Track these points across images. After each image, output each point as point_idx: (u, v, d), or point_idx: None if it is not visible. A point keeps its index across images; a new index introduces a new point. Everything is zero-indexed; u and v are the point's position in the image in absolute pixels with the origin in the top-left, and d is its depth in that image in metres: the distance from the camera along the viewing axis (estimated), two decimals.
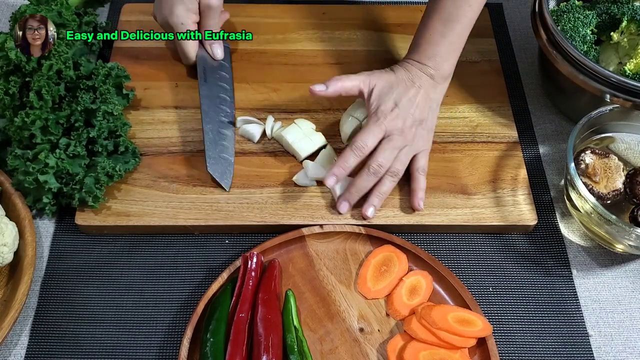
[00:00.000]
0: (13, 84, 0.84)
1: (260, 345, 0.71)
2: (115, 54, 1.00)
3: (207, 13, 0.92)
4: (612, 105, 0.83)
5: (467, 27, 0.86)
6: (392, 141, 0.82)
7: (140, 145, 0.89)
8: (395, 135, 0.82)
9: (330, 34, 1.03)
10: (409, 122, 0.83)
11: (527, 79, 1.02)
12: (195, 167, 0.88)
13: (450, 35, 0.85)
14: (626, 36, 0.88)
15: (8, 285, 0.79)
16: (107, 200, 0.84)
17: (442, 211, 0.85)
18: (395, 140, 0.82)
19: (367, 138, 0.82)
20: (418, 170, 0.85)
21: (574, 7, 0.91)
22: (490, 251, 0.84)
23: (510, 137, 0.92)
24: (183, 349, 0.72)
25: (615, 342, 0.78)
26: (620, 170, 0.83)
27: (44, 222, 0.86)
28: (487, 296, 0.81)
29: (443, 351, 0.73)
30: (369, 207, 0.83)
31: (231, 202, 0.85)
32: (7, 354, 0.75)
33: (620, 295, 0.82)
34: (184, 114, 0.93)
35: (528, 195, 0.86)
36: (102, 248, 0.83)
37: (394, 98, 0.83)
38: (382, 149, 0.82)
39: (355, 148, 0.81)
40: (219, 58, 0.96)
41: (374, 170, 0.82)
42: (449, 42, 0.85)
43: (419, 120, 0.84)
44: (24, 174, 0.80)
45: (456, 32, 0.85)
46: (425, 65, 0.85)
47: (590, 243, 0.86)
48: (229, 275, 0.78)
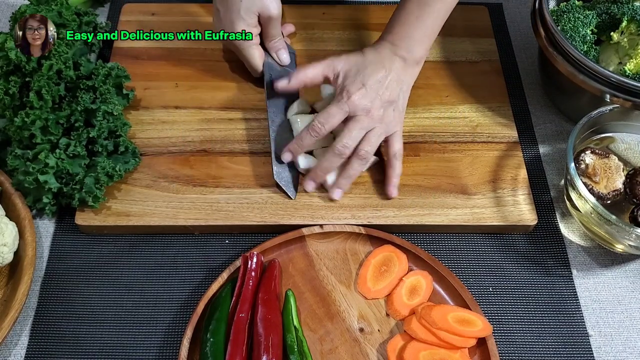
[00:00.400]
0: (13, 84, 0.84)
1: (260, 345, 0.71)
2: (115, 54, 1.00)
3: (268, 23, 0.90)
4: (612, 105, 0.83)
5: (443, 12, 0.84)
6: (358, 122, 0.81)
7: (140, 145, 0.89)
8: (361, 115, 0.81)
9: (330, 34, 1.03)
10: (377, 102, 0.81)
11: (527, 79, 1.02)
12: (195, 167, 0.88)
13: (425, 19, 0.84)
14: (626, 36, 0.88)
15: (8, 285, 0.79)
16: (107, 200, 0.84)
17: (442, 211, 0.85)
18: (362, 121, 0.81)
19: (326, 118, 0.81)
20: (395, 156, 0.84)
21: (574, 7, 0.91)
22: (490, 251, 0.84)
23: (510, 137, 0.92)
24: (183, 349, 0.72)
25: (615, 342, 0.78)
26: (620, 170, 0.83)
27: (44, 222, 0.86)
28: (487, 296, 0.81)
29: (443, 351, 0.73)
30: (336, 190, 0.83)
31: (231, 202, 0.85)
32: (7, 354, 0.75)
33: (620, 295, 0.82)
34: (184, 114, 0.93)
35: (528, 195, 0.86)
36: (102, 248, 0.83)
37: (361, 79, 0.81)
38: (348, 129, 0.81)
39: (311, 128, 0.81)
40: (285, 63, 0.95)
41: (338, 151, 0.81)
42: (424, 25, 0.84)
43: (389, 102, 0.83)
44: (24, 174, 0.80)
45: (432, 16, 0.84)
46: (398, 47, 0.84)
47: (590, 243, 0.86)
48: (229, 275, 0.78)
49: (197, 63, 0.99)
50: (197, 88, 0.96)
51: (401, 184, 0.87)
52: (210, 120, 0.93)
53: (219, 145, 0.90)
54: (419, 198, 0.86)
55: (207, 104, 0.95)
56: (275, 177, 0.85)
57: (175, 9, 1.05)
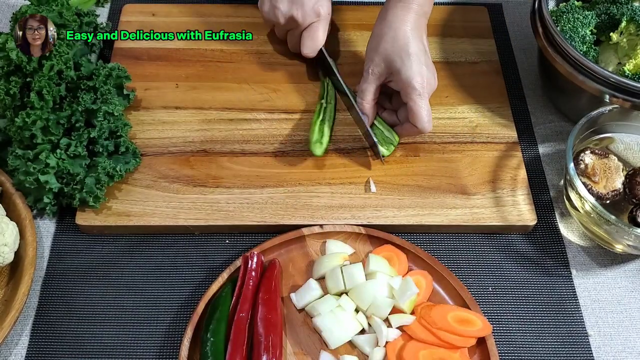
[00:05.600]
0: (14, 84, 0.84)
1: (260, 345, 0.72)
2: (116, 54, 1.00)
3: None
4: (612, 106, 0.84)
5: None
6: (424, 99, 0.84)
7: (140, 145, 0.90)
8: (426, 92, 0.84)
9: (330, 34, 1.03)
10: (432, 71, 0.85)
11: (527, 79, 1.02)
12: (196, 167, 0.88)
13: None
14: (625, 36, 0.88)
15: (9, 285, 0.79)
16: (108, 200, 0.84)
17: (442, 211, 0.85)
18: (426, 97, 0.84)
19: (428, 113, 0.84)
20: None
21: (573, 8, 0.91)
22: (490, 251, 0.84)
23: (510, 137, 0.93)
24: (183, 348, 0.72)
25: (615, 342, 0.78)
26: (619, 170, 0.83)
27: (44, 222, 0.86)
28: (487, 296, 0.81)
29: (443, 351, 0.73)
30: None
31: (231, 202, 0.85)
32: (7, 354, 0.76)
33: (620, 295, 0.82)
34: (184, 114, 0.94)
35: (527, 195, 0.87)
36: (103, 248, 0.83)
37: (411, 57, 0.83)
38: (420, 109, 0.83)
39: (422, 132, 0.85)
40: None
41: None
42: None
43: (432, 64, 0.86)
44: (25, 174, 0.80)
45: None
46: (411, 3, 0.85)
47: (589, 243, 0.86)
48: (229, 275, 0.79)
49: (198, 63, 0.99)
50: (197, 88, 0.96)
51: (401, 184, 0.87)
52: (211, 120, 0.93)
53: (219, 145, 0.91)
54: (418, 198, 0.86)
55: (207, 105, 0.95)
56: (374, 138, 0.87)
57: (175, 9, 1.06)
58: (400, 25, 0.85)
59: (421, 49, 0.85)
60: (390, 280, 0.77)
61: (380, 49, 0.85)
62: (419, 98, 0.83)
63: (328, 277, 0.78)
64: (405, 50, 0.83)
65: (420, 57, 0.84)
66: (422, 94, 0.83)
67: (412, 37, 0.84)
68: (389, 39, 0.85)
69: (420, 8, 0.86)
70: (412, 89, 0.83)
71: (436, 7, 1.07)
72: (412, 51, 0.83)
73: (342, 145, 0.91)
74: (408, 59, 0.83)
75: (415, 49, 0.84)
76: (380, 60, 0.85)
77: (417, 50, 0.84)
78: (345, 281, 0.77)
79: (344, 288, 0.77)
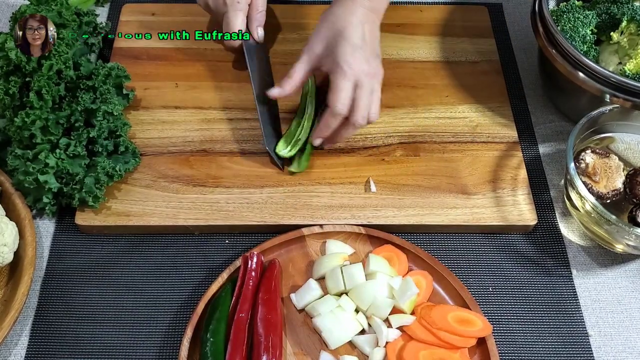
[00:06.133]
0: (13, 84, 0.83)
1: (260, 345, 0.71)
2: (115, 54, 1.00)
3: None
4: (612, 105, 0.83)
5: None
6: (363, 88, 0.81)
7: (140, 145, 0.90)
8: (364, 79, 0.81)
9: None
10: (371, 59, 0.82)
11: (527, 79, 1.02)
12: (195, 167, 0.88)
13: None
14: (626, 36, 0.88)
15: (8, 285, 0.79)
16: (107, 200, 0.84)
17: (442, 211, 0.85)
18: (366, 86, 0.81)
19: (343, 97, 0.80)
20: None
21: (573, 7, 0.91)
22: (490, 251, 0.84)
23: (510, 137, 0.92)
24: (183, 349, 0.72)
25: (615, 342, 0.78)
26: (620, 170, 0.83)
27: (44, 222, 0.86)
28: (487, 296, 0.81)
29: (443, 351, 0.73)
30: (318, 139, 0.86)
31: (231, 202, 0.85)
32: (7, 354, 0.75)
33: (620, 295, 0.82)
34: (184, 114, 0.93)
35: (528, 195, 0.86)
36: (102, 248, 0.83)
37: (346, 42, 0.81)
38: (358, 98, 0.81)
39: (334, 112, 0.81)
40: (261, 40, 0.95)
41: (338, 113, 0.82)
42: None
43: (376, 54, 0.84)
44: (24, 174, 0.80)
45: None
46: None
47: (590, 243, 0.86)
48: (229, 275, 0.78)
49: (197, 63, 0.99)
50: (197, 88, 0.96)
51: (401, 184, 0.87)
52: (210, 120, 0.93)
53: (219, 145, 0.90)
54: (419, 198, 0.86)
55: (207, 104, 0.95)
56: (267, 146, 0.87)
57: (175, 9, 1.05)
58: (343, 13, 0.83)
59: (360, 36, 0.82)
60: (390, 281, 0.77)
61: (320, 31, 0.84)
62: (342, 78, 0.80)
63: (328, 277, 0.78)
64: (342, 33, 0.81)
65: (356, 43, 0.81)
66: (347, 76, 0.80)
67: (354, 24, 0.82)
68: (330, 24, 0.83)
69: (369, 2, 0.84)
70: (338, 67, 0.80)
71: (436, 7, 1.08)
72: (349, 35, 0.81)
73: (342, 145, 0.91)
74: (343, 40, 0.81)
75: (353, 35, 0.81)
76: (318, 42, 0.84)
77: (355, 36, 0.81)
78: (345, 281, 0.77)
79: (344, 288, 0.77)
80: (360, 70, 0.81)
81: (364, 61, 0.81)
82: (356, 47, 0.81)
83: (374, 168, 0.89)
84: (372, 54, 0.83)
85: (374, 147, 0.90)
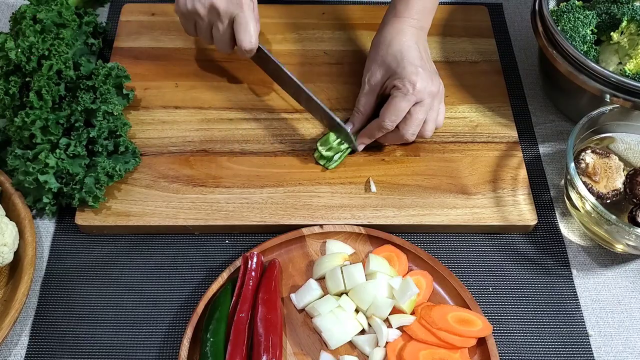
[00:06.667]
0: (13, 84, 0.84)
1: (260, 345, 0.71)
2: (115, 54, 1.00)
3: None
4: (612, 105, 0.83)
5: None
6: (422, 106, 0.83)
7: (140, 145, 0.90)
8: (426, 99, 0.83)
9: (330, 34, 1.03)
10: (434, 78, 0.84)
11: (527, 79, 1.02)
12: (195, 167, 0.88)
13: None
14: (626, 36, 0.88)
15: (8, 285, 0.79)
16: (107, 200, 0.84)
17: (442, 211, 0.85)
18: (426, 104, 0.83)
19: (397, 115, 0.82)
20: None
21: (573, 7, 0.91)
22: (490, 251, 0.84)
23: (510, 137, 0.92)
24: (183, 349, 0.72)
25: (615, 342, 0.78)
26: (620, 170, 0.83)
27: (44, 222, 0.86)
28: (487, 296, 0.81)
29: (443, 351, 0.73)
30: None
31: (231, 202, 0.85)
32: (7, 354, 0.75)
33: (620, 295, 0.82)
34: (184, 114, 0.93)
35: (528, 195, 0.86)
36: (102, 248, 0.83)
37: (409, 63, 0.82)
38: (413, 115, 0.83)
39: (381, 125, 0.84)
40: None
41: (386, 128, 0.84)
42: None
43: (435, 72, 0.85)
44: (24, 174, 0.80)
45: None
46: (407, 19, 0.86)
47: (590, 243, 0.86)
48: (229, 275, 0.78)
49: (197, 63, 0.99)
50: (197, 88, 0.96)
51: (401, 184, 0.87)
52: (210, 120, 0.93)
53: (219, 145, 0.90)
54: (419, 198, 0.86)
55: (207, 104, 0.95)
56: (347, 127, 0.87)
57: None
58: (395, 35, 0.85)
59: (418, 56, 0.83)
60: (391, 281, 0.77)
61: (377, 58, 0.85)
62: (402, 99, 0.81)
63: (328, 277, 0.78)
64: (400, 55, 0.83)
65: (417, 63, 0.82)
66: (408, 97, 0.81)
67: (410, 46, 0.84)
68: (385, 47, 0.85)
69: (417, 22, 0.86)
70: (402, 87, 0.81)
71: None
72: (408, 56, 0.82)
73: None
74: (404, 61, 0.82)
75: (411, 55, 0.83)
76: (377, 68, 0.85)
77: (413, 56, 0.83)
78: (345, 281, 0.77)
79: (344, 288, 0.77)
80: (424, 89, 0.82)
81: (429, 80, 0.82)
82: (418, 67, 0.82)
83: (374, 168, 0.89)
84: (432, 71, 0.85)
85: (374, 147, 0.90)
